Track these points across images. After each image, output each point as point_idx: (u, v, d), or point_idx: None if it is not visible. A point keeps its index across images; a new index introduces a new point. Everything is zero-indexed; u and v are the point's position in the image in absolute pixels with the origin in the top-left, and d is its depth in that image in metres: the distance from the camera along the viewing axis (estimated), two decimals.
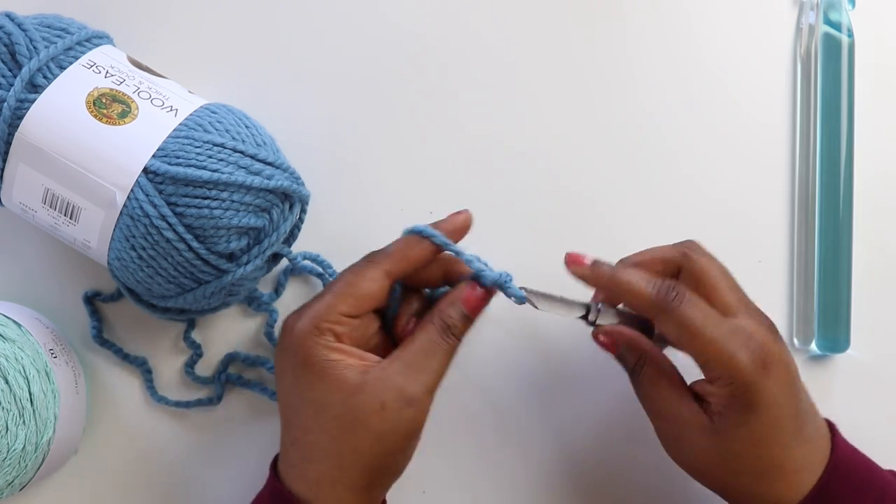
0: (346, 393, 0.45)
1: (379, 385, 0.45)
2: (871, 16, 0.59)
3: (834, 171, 0.57)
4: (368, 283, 0.47)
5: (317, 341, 0.46)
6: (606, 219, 0.58)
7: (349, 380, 0.45)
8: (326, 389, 0.46)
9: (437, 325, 0.47)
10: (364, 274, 0.47)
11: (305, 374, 0.46)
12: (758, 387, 0.44)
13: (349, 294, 0.47)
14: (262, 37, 0.58)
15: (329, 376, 0.46)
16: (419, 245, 0.48)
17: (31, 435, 0.49)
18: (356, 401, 0.45)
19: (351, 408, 0.45)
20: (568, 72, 0.59)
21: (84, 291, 0.56)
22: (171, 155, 0.48)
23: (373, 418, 0.45)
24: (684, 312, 0.45)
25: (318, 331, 0.46)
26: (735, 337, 0.45)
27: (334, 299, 0.47)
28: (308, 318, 0.46)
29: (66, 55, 0.50)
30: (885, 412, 0.57)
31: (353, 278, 0.47)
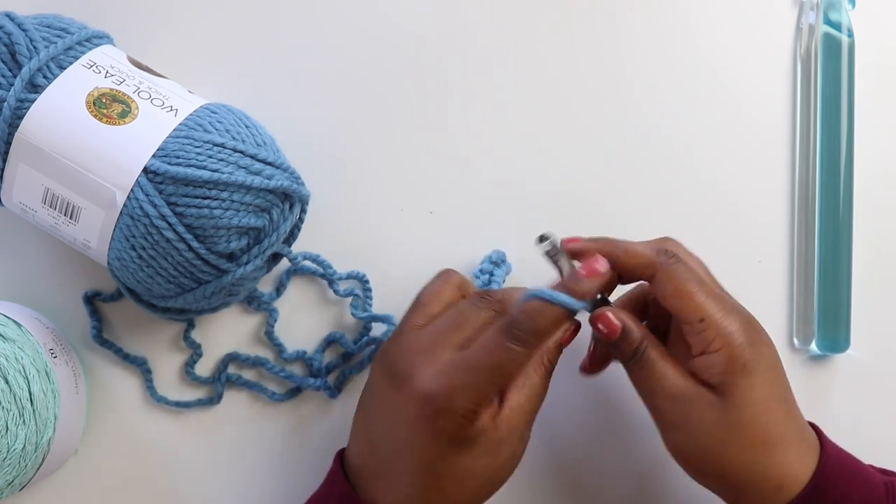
0: (491, 453, 0.46)
1: (512, 436, 0.46)
2: (871, 16, 0.59)
3: (834, 171, 0.57)
4: (519, 369, 0.46)
5: (474, 424, 0.45)
6: (607, 219, 0.58)
7: (491, 440, 0.46)
8: (475, 458, 0.46)
9: (546, 367, 0.47)
10: (519, 362, 0.46)
11: (457, 448, 0.45)
12: (755, 347, 0.46)
13: (504, 384, 0.46)
14: (262, 37, 0.58)
15: (477, 447, 0.45)
16: (562, 317, 0.46)
17: (31, 435, 0.49)
18: (499, 458, 0.46)
19: (496, 466, 0.47)
20: (568, 72, 0.59)
21: (84, 291, 0.56)
22: (171, 155, 0.48)
23: (510, 470, 0.48)
24: (680, 270, 0.46)
25: (476, 415, 0.45)
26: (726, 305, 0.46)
27: (493, 389, 0.45)
28: (470, 405, 0.45)
29: (66, 55, 0.50)
30: (885, 412, 0.57)
31: (510, 366, 0.45)
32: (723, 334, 0.45)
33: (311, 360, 0.56)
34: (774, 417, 0.46)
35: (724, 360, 0.45)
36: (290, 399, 0.56)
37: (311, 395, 0.56)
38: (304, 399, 0.56)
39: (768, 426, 0.46)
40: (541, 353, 0.47)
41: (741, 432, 0.46)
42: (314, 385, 0.56)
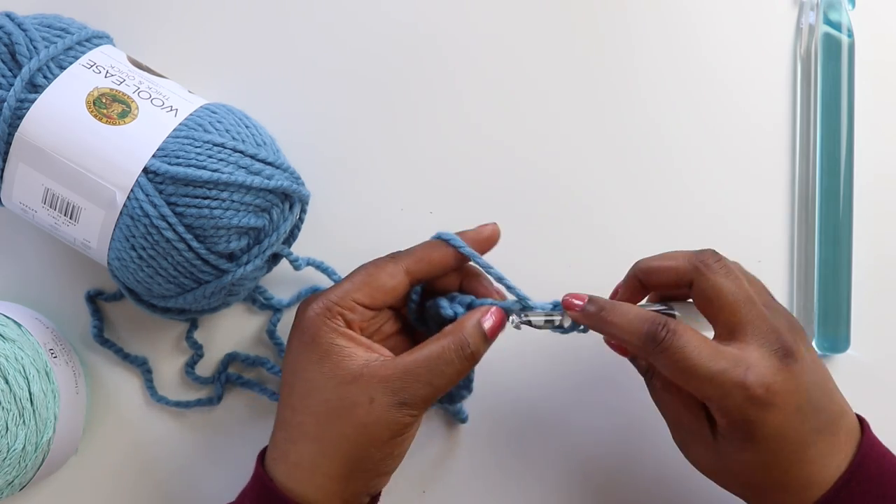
0: (340, 379, 0.46)
1: (373, 381, 0.45)
2: (871, 16, 0.59)
3: (834, 171, 0.57)
4: (387, 276, 0.48)
5: (326, 322, 0.46)
6: (607, 219, 0.58)
7: (347, 367, 0.46)
8: (322, 371, 0.46)
9: (455, 340, 0.46)
10: (384, 268, 0.48)
11: (308, 353, 0.46)
12: (756, 422, 0.43)
13: (366, 284, 0.47)
14: (263, 37, 0.58)
15: (329, 359, 0.46)
16: (443, 250, 0.49)
17: (31, 435, 0.49)
18: (348, 389, 0.45)
19: (341, 395, 0.45)
20: (569, 72, 0.59)
21: (86, 290, 0.56)
22: (171, 155, 0.48)
23: (359, 410, 0.45)
24: (676, 351, 0.44)
25: (329, 313, 0.47)
26: (732, 371, 0.43)
27: (351, 286, 0.47)
28: (322, 301, 0.47)
29: (66, 55, 0.50)
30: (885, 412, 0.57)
31: (372, 269, 0.48)
32: (722, 410, 0.44)
33: None
34: (769, 474, 0.45)
35: (726, 425, 0.44)
36: None
37: None
38: None
39: (760, 480, 0.45)
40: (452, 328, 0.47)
41: (732, 476, 0.46)
42: None
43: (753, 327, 0.45)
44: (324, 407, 0.46)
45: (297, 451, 0.46)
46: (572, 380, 0.56)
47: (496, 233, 0.50)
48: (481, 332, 0.47)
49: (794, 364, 0.44)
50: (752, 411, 0.43)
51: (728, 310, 0.45)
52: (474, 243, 0.49)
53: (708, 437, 0.46)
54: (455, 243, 0.48)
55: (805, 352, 0.45)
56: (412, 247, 0.49)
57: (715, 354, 0.44)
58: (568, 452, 0.56)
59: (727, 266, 0.46)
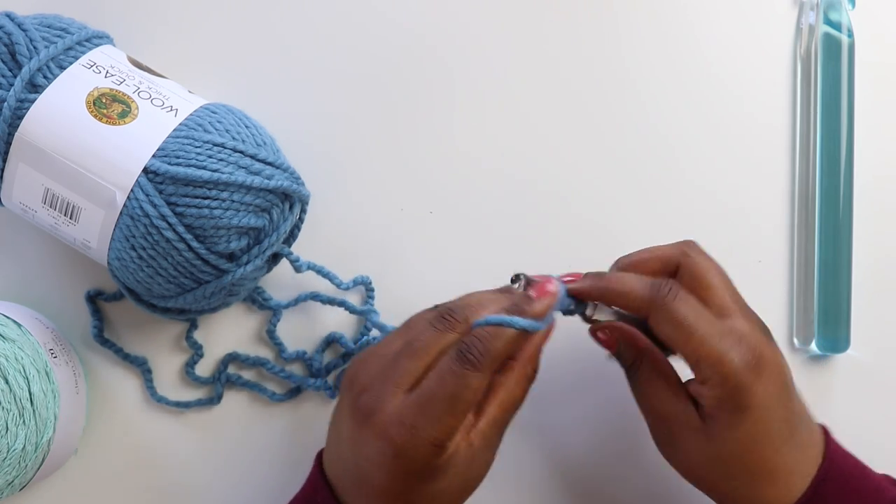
0: (464, 471, 0.45)
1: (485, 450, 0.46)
2: (871, 16, 0.59)
3: (834, 171, 0.57)
4: (478, 396, 0.44)
5: (441, 456, 0.44)
6: (606, 219, 0.58)
7: (465, 459, 0.45)
8: (447, 480, 0.45)
9: (527, 376, 0.47)
10: (475, 388, 0.44)
11: (425, 479, 0.44)
12: (748, 389, 0.44)
13: (464, 413, 0.44)
14: (262, 37, 0.58)
15: (449, 470, 0.45)
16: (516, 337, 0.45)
17: (31, 435, 0.49)
18: (472, 473, 0.46)
19: (469, 481, 0.46)
20: (568, 72, 0.59)
21: (86, 290, 0.56)
22: (171, 155, 0.48)
23: (480, 480, 0.47)
24: (677, 309, 0.45)
25: (441, 449, 0.44)
26: (727, 337, 0.44)
27: (452, 420, 0.43)
28: (430, 444, 0.43)
29: (66, 55, 0.50)
30: (885, 412, 0.57)
31: (466, 394, 0.43)
32: (719, 373, 0.44)
33: (311, 360, 0.56)
34: (760, 454, 0.45)
35: (717, 395, 0.45)
36: (290, 399, 0.56)
37: (311, 395, 0.56)
38: (304, 399, 0.56)
39: (750, 462, 0.45)
40: (522, 364, 0.46)
41: (722, 464, 0.46)
42: (314, 385, 0.56)
43: (739, 306, 0.46)
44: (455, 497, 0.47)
45: None
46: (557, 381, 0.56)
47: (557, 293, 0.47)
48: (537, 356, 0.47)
49: (773, 344, 0.46)
50: (746, 377, 0.44)
51: (715, 287, 0.46)
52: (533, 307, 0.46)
53: (695, 422, 0.46)
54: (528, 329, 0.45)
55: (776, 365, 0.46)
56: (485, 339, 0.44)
57: (712, 319, 0.45)
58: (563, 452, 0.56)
59: (705, 252, 0.48)
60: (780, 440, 0.45)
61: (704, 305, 0.46)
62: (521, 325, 0.44)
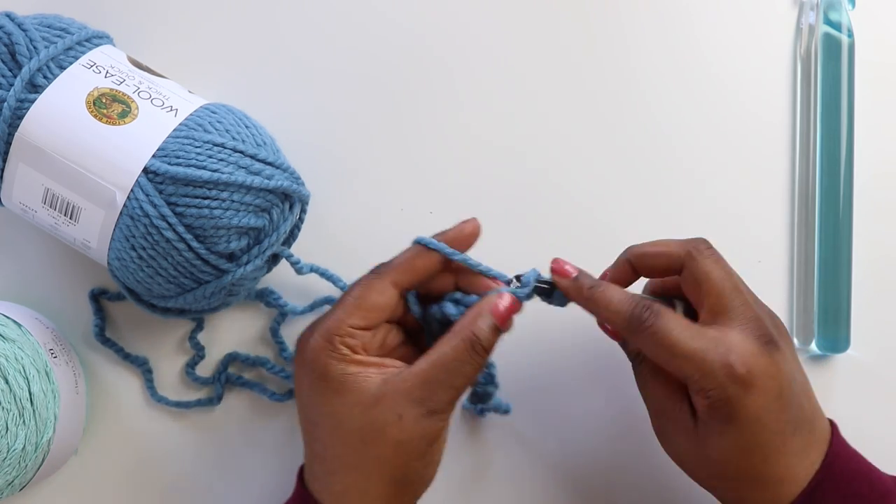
0: (364, 405, 0.45)
1: (397, 397, 0.45)
2: (871, 16, 0.59)
3: (834, 171, 0.57)
4: (376, 294, 0.47)
5: (331, 355, 0.46)
6: (607, 218, 0.58)
7: (367, 391, 0.45)
8: (344, 402, 0.46)
9: (465, 338, 0.46)
10: (371, 286, 0.48)
11: (323, 388, 0.46)
12: (736, 402, 0.44)
13: (358, 307, 0.47)
14: (262, 37, 0.58)
15: (346, 389, 0.45)
16: (425, 256, 0.48)
17: (31, 435, 0.49)
18: (374, 413, 0.45)
19: (369, 420, 0.45)
20: (568, 72, 0.59)
21: (90, 289, 0.56)
22: (171, 155, 0.48)
23: (391, 429, 0.45)
24: (658, 330, 0.45)
25: (331, 345, 0.46)
26: (713, 350, 0.44)
27: (343, 313, 0.47)
28: (320, 333, 0.46)
29: (66, 55, 0.50)
30: (885, 412, 0.57)
31: (360, 291, 0.47)
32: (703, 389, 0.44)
33: None
34: (748, 462, 0.45)
35: (705, 406, 0.45)
36: (290, 399, 0.56)
37: None
38: None
39: (738, 469, 0.45)
40: (460, 324, 0.47)
41: (710, 467, 0.46)
42: None
43: (737, 313, 0.46)
44: (356, 435, 0.45)
45: (340, 482, 0.46)
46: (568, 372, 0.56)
47: (477, 228, 0.49)
48: (490, 324, 0.47)
49: (776, 352, 0.45)
50: (733, 391, 0.44)
51: (714, 294, 0.46)
52: (456, 241, 0.49)
53: (689, 423, 0.46)
54: (435, 247, 0.48)
55: (786, 347, 0.46)
56: (394, 257, 0.49)
57: (697, 334, 0.45)
58: (569, 444, 0.56)
59: (717, 254, 0.48)
60: (770, 449, 0.45)
61: (699, 310, 0.46)
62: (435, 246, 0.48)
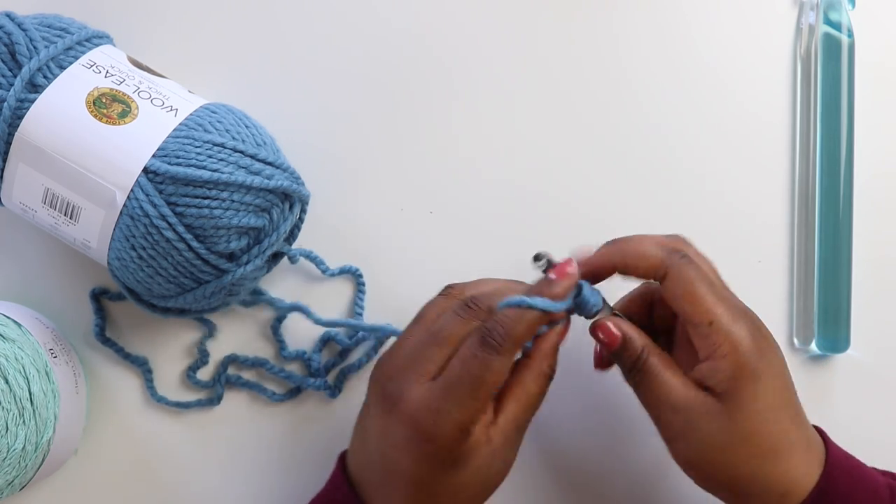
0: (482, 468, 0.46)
1: (506, 447, 0.46)
2: (871, 16, 0.59)
3: (834, 171, 0.57)
4: (501, 379, 0.45)
5: (465, 443, 0.45)
6: (606, 218, 0.58)
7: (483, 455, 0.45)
8: (468, 472, 0.45)
9: (544, 374, 0.47)
10: (500, 370, 0.45)
11: (448, 466, 0.45)
12: (762, 354, 0.45)
13: (487, 396, 0.45)
14: (262, 37, 0.58)
15: (470, 463, 0.45)
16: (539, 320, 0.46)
17: (31, 435, 0.49)
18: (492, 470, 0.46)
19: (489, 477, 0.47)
20: (568, 72, 0.59)
21: (91, 288, 0.56)
22: (171, 155, 0.48)
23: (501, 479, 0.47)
24: (690, 273, 0.46)
25: (465, 435, 0.45)
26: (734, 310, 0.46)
27: (475, 403, 0.44)
28: (455, 428, 0.44)
29: (66, 55, 0.50)
30: (885, 412, 0.57)
31: (488, 376, 0.44)
32: (731, 339, 0.45)
33: (310, 359, 0.56)
34: (780, 426, 0.45)
35: (731, 366, 0.45)
36: (290, 399, 0.56)
37: (311, 395, 0.56)
38: (304, 399, 0.56)
39: (773, 435, 0.45)
40: (539, 360, 0.47)
41: (746, 441, 0.45)
42: (314, 385, 0.56)
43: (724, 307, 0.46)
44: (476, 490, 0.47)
45: None
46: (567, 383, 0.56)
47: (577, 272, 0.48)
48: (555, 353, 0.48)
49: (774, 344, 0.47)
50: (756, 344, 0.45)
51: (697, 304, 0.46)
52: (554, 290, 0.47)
53: (712, 404, 0.45)
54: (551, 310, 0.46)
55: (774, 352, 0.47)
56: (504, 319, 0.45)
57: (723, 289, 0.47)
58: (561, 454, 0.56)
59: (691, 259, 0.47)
60: (795, 409, 0.46)
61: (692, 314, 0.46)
62: (542, 307, 0.45)
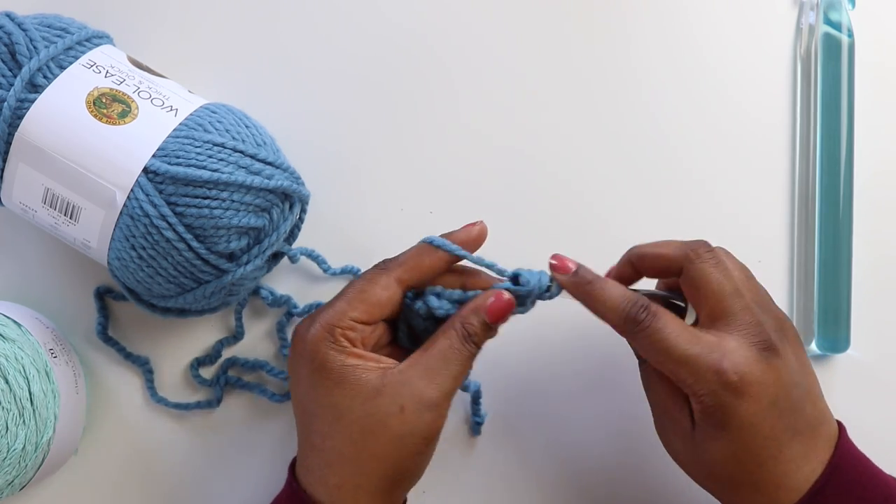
0: (364, 397, 0.45)
1: (398, 389, 0.45)
2: (871, 16, 0.59)
3: (834, 171, 0.57)
4: (380, 290, 0.47)
5: (331, 346, 0.46)
6: (606, 218, 0.58)
7: (368, 383, 0.45)
8: (345, 394, 0.45)
9: (458, 331, 0.47)
10: (376, 281, 0.47)
11: (322, 379, 0.46)
12: (728, 409, 0.44)
13: (361, 300, 0.47)
14: (262, 37, 0.58)
15: (347, 381, 0.45)
16: (432, 254, 0.48)
17: (31, 435, 0.49)
18: (375, 404, 0.45)
19: (370, 412, 0.45)
20: (568, 72, 0.59)
21: (96, 287, 0.56)
22: (171, 155, 0.48)
23: (392, 421, 0.45)
24: (653, 332, 0.45)
25: (331, 336, 0.46)
26: (707, 356, 0.44)
27: (346, 305, 0.47)
28: (320, 324, 0.46)
29: (66, 55, 0.50)
30: (885, 412, 0.57)
31: (365, 285, 0.47)
32: (695, 394, 0.44)
33: None
34: (743, 468, 0.45)
35: (699, 411, 0.45)
36: (290, 399, 0.56)
37: None
38: None
39: (733, 473, 0.45)
40: (456, 317, 0.47)
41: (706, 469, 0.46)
42: None
43: (736, 318, 0.45)
44: (356, 426, 0.45)
45: (336, 474, 0.46)
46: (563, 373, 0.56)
47: (484, 231, 0.49)
48: (482, 320, 0.47)
49: (775, 359, 0.45)
50: (726, 398, 0.44)
51: (713, 298, 0.46)
52: (463, 243, 0.49)
53: (687, 426, 0.46)
54: (446, 247, 0.48)
55: (790, 352, 0.46)
56: (400, 254, 0.49)
57: (692, 338, 0.44)
58: (568, 447, 0.56)
59: (717, 256, 0.47)
60: (765, 456, 0.45)
61: (699, 314, 0.46)
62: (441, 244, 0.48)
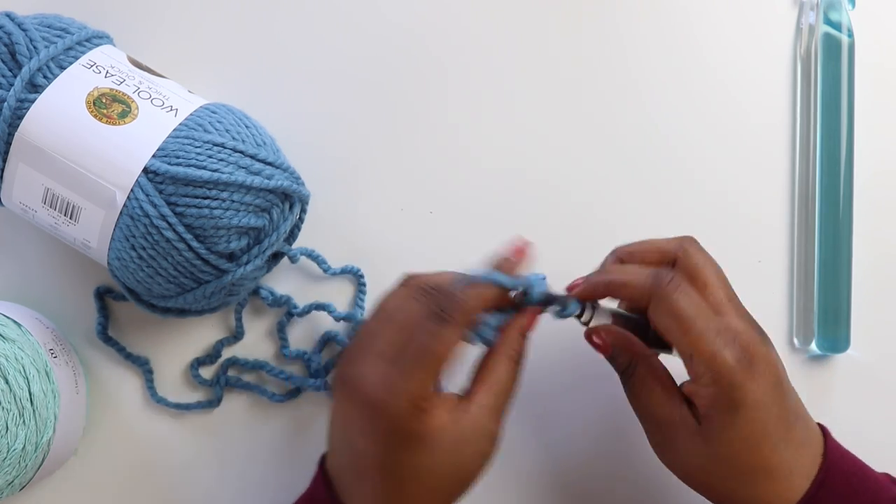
0: (449, 451, 0.45)
1: (478, 435, 0.45)
2: (871, 16, 0.59)
3: (834, 171, 0.57)
4: (450, 350, 0.45)
5: (420, 419, 0.44)
6: (606, 219, 0.58)
7: (448, 438, 0.45)
8: (431, 455, 0.44)
9: (511, 358, 0.47)
10: (447, 340, 0.44)
11: (406, 447, 0.44)
12: (742, 387, 0.44)
13: (437, 367, 0.44)
14: (262, 37, 0.58)
15: (430, 443, 0.44)
16: (488, 294, 0.46)
17: (31, 435, 0.49)
18: (462, 457, 0.45)
19: (456, 463, 0.45)
20: (568, 72, 0.59)
21: (96, 287, 0.56)
22: (171, 155, 0.48)
23: (474, 467, 0.46)
24: (678, 300, 0.45)
25: (419, 410, 0.44)
26: (722, 335, 0.45)
27: (425, 374, 0.44)
28: (406, 399, 0.44)
29: (66, 55, 0.50)
30: (885, 412, 0.57)
31: (439, 347, 0.44)
32: (712, 370, 0.44)
33: (309, 360, 0.56)
34: (757, 453, 0.45)
35: (711, 395, 0.45)
36: (290, 400, 0.56)
37: (311, 396, 0.56)
38: (304, 400, 0.56)
39: (747, 462, 0.45)
40: (503, 345, 0.47)
41: (719, 465, 0.46)
42: (314, 385, 0.56)
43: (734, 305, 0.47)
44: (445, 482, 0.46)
45: None
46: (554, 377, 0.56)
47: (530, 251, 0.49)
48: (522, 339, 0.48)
49: (770, 345, 0.46)
50: (739, 375, 0.44)
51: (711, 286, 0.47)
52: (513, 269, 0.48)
53: (692, 424, 0.46)
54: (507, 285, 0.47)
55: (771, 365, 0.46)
56: (454, 292, 0.45)
57: (710, 314, 0.45)
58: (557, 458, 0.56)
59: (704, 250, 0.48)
60: (777, 437, 0.45)
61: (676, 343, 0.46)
62: (491, 279, 0.46)
